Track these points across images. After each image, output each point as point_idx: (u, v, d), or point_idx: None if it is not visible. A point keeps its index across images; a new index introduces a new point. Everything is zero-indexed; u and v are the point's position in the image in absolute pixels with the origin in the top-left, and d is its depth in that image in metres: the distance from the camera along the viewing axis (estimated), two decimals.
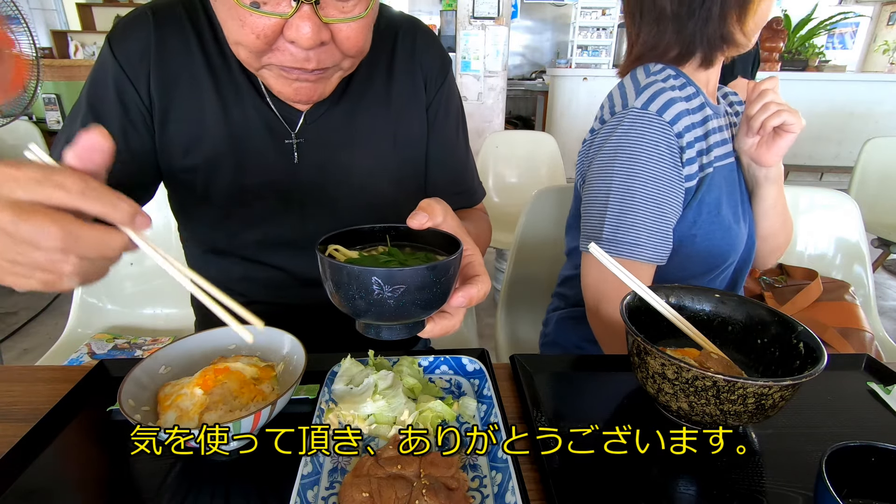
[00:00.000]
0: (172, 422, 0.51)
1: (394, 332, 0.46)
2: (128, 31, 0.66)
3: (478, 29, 4.43)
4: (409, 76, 0.80)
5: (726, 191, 0.88)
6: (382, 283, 0.40)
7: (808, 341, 0.58)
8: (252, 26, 0.55)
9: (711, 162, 0.85)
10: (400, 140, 0.80)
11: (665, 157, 0.79)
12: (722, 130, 0.91)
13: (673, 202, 0.81)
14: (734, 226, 0.87)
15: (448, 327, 0.50)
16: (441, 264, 0.42)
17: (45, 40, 5.05)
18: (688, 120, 0.82)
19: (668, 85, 0.83)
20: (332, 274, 0.42)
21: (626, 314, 0.61)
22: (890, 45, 5.90)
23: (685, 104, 0.82)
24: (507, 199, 2.70)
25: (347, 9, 0.57)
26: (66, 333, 1.36)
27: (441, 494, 0.45)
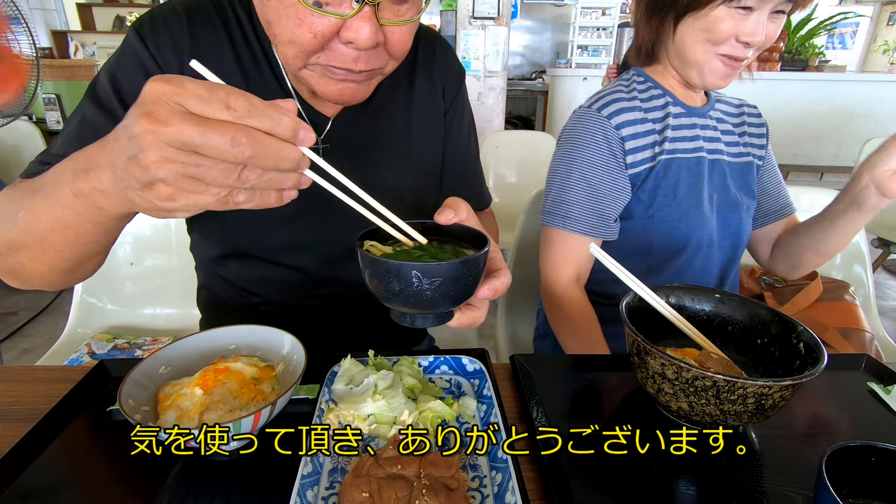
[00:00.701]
0: (172, 422, 0.51)
1: (427, 320, 0.49)
2: (160, 24, 0.65)
3: (478, 29, 4.43)
4: (429, 84, 0.82)
5: (687, 180, 0.95)
6: (421, 276, 0.43)
7: (808, 341, 0.58)
8: (310, 25, 0.55)
9: (667, 151, 0.94)
10: (420, 146, 0.81)
11: (601, 145, 0.93)
12: (694, 128, 0.98)
13: (608, 184, 0.94)
14: (693, 211, 0.95)
15: (474, 318, 0.53)
16: (472, 258, 0.45)
17: (45, 40, 5.05)
18: (630, 115, 0.94)
19: (619, 90, 0.97)
20: (374, 268, 0.46)
21: (625, 314, 0.61)
22: (890, 45, 5.90)
23: (632, 103, 0.95)
24: (507, 199, 2.70)
25: (402, 12, 0.58)
26: (66, 333, 1.36)
27: (441, 494, 0.45)
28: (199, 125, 0.35)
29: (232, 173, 0.37)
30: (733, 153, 1.01)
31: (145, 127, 0.35)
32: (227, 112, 0.36)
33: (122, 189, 0.40)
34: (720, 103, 1.04)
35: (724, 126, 1.02)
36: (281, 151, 0.38)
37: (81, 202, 0.45)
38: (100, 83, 0.64)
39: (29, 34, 1.90)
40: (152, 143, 0.35)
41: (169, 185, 0.37)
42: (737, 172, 1.01)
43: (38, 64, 1.95)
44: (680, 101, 0.98)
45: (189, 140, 0.35)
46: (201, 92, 0.36)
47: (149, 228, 1.37)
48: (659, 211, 0.95)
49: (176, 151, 0.35)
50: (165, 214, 0.40)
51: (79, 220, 0.47)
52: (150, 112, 0.35)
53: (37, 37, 1.95)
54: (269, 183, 0.39)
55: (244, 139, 0.36)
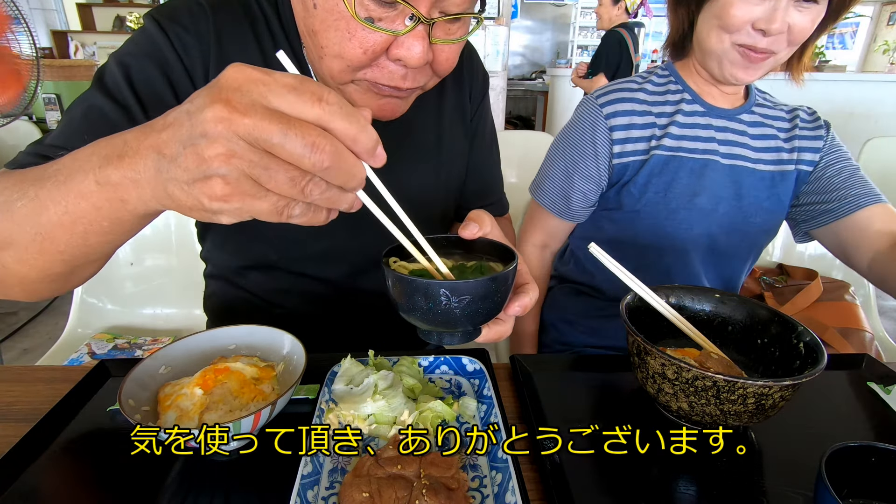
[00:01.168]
0: (172, 422, 0.51)
1: (455, 338, 0.48)
2: (184, 17, 0.61)
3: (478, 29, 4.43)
4: (457, 89, 0.81)
5: (684, 180, 0.93)
6: (450, 295, 0.42)
7: (808, 341, 0.58)
8: (361, 40, 0.53)
9: (665, 147, 0.93)
10: (449, 153, 0.80)
11: (586, 131, 0.96)
12: (710, 129, 0.94)
13: (580, 170, 0.97)
14: (681, 211, 0.93)
15: (502, 332, 0.51)
16: (501, 275, 0.44)
17: (45, 40, 5.05)
18: (627, 106, 0.95)
19: (632, 82, 0.98)
20: (401, 287, 0.44)
21: (625, 314, 0.61)
22: (890, 45, 5.90)
23: (636, 94, 0.96)
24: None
25: (453, 31, 0.57)
26: (66, 333, 1.36)
27: (441, 494, 0.45)
28: (282, 122, 0.31)
29: (299, 183, 0.33)
30: (767, 160, 0.95)
31: (219, 114, 0.31)
32: (319, 105, 0.32)
33: (164, 181, 0.35)
34: (765, 108, 0.98)
35: (761, 131, 0.96)
36: (353, 168, 0.35)
37: (104, 193, 0.39)
38: (109, 73, 0.60)
39: (29, 34, 1.90)
40: (223, 132, 0.31)
41: (228, 184, 0.33)
42: (764, 181, 0.94)
43: (38, 64, 1.95)
44: (700, 100, 0.95)
45: (267, 137, 0.31)
46: (291, 82, 0.32)
47: (149, 228, 1.35)
48: (646, 206, 0.94)
49: (247, 147, 0.32)
50: (207, 216, 0.36)
51: (95, 214, 0.41)
52: (229, 99, 0.31)
53: (37, 37, 1.95)
54: (328, 200, 0.35)
55: (327, 146, 0.32)
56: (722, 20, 0.83)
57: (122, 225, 0.43)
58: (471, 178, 0.87)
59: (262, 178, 0.33)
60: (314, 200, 0.35)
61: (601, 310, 1.04)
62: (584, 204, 1.00)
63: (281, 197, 0.34)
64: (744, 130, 0.95)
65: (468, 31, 0.59)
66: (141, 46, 0.61)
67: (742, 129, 0.95)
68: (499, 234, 0.52)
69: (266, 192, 0.33)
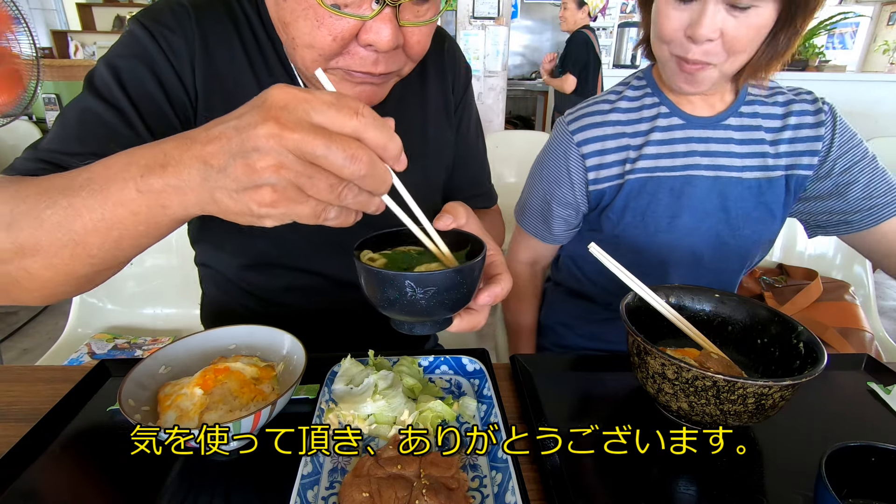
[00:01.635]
0: (172, 422, 0.51)
1: (425, 327, 0.49)
2: (168, 20, 0.63)
3: (478, 29, 4.43)
4: (440, 80, 0.82)
5: (664, 201, 0.88)
6: (415, 286, 0.43)
7: (808, 341, 0.58)
8: (330, 28, 0.54)
9: (641, 170, 0.88)
10: (435, 144, 0.81)
11: (559, 159, 0.94)
12: (690, 142, 0.88)
13: (557, 198, 0.96)
14: (661, 234, 0.89)
15: (474, 323, 0.52)
16: (467, 267, 0.45)
17: (45, 40, 5.04)
18: (599, 132, 0.91)
19: (606, 99, 0.93)
20: (369, 278, 0.46)
21: (625, 314, 0.61)
22: (890, 45, 5.90)
23: (609, 116, 0.91)
24: (507, 199, 2.67)
25: (421, 13, 0.58)
26: (66, 333, 1.36)
27: (441, 494, 0.45)
28: (326, 137, 0.35)
29: (336, 189, 0.37)
30: (752, 166, 0.88)
31: (271, 131, 0.34)
32: (355, 118, 0.36)
33: (210, 189, 0.38)
34: (758, 104, 0.89)
35: (747, 135, 0.88)
36: (384, 174, 0.38)
37: (145, 200, 0.41)
38: (99, 76, 0.61)
39: (29, 34, 1.90)
40: (274, 147, 0.35)
41: (276, 192, 0.36)
42: (751, 190, 0.88)
43: (38, 64, 1.95)
44: (678, 111, 0.89)
45: (312, 150, 0.35)
46: (329, 98, 0.36)
47: None
48: (625, 231, 0.91)
49: (294, 159, 0.35)
50: (253, 220, 0.39)
51: (133, 220, 0.43)
52: (278, 117, 0.35)
53: (37, 37, 1.95)
54: (359, 203, 0.39)
55: (364, 157, 0.36)
56: (656, 28, 0.79)
57: (158, 229, 0.45)
58: (457, 169, 0.88)
59: (306, 185, 0.36)
60: (348, 204, 0.39)
61: (597, 313, 1.03)
62: (566, 227, 0.99)
63: (319, 202, 0.38)
64: (728, 137, 0.88)
65: (437, 13, 0.59)
66: (129, 49, 0.62)
67: (727, 135, 0.88)
68: (476, 226, 0.53)
69: (308, 198, 0.37)
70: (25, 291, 0.51)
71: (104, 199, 0.43)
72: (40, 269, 0.48)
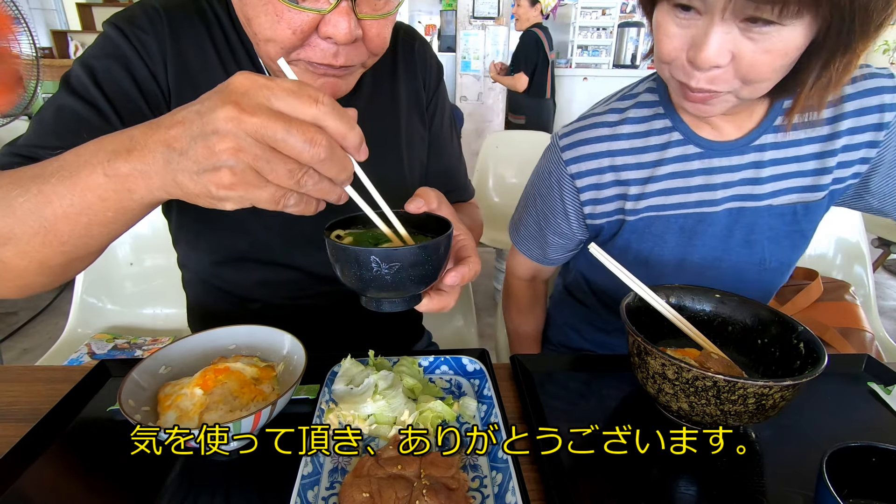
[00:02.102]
0: (172, 422, 0.51)
1: (393, 304, 0.50)
2: (142, 21, 0.65)
3: (478, 29, 4.43)
4: (411, 77, 0.84)
5: (674, 241, 0.78)
6: (380, 261, 0.45)
7: (808, 341, 0.58)
8: (289, 22, 0.55)
9: (648, 209, 0.77)
10: (407, 137, 0.83)
11: (553, 188, 0.85)
12: (710, 173, 0.74)
13: (552, 227, 0.89)
14: (670, 276, 0.79)
15: (443, 303, 0.53)
16: (431, 244, 0.46)
17: (45, 40, 5.04)
18: (594, 164, 0.79)
19: (608, 116, 0.79)
20: (336, 254, 0.47)
21: (625, 314, 0.61)
22: (890, 45, 5.90)
23: (606, 145, 0.78)
24: (507, 199, 2.70)
25: (379, 6, 0.59)
26: (66, 333, 1.36)
27: (441, 494, 0.45)
28: (285, 121, 0.36)
29: (296, 174, 0.38)
30: (785, 189, 0.74)
31: (230, 114, 0.36)
32: (315, 106, 0.37)
33: (173, 171, 0.39)
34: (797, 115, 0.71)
35: (782, 153, 0.73)
36: (344, 161, 0.40)
37: (112, 184, 0.43)
38: (74, 76, 0.63)
39: (29, 34, 1.90)
40: (233, 130, 0.36)
41: (234, 175, 0.37)
42: (783, 217, 0.75)
43: (38, 64, 1.95)
44: (694, 136, 0.75)
45: (272, 134, 0.36)
46: (290, 86, 0.37)
47: (149, 228, 1.37)
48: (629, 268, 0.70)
49: (253, 143, 0.36)
50: (214, 203, 0.40)
51: (102, 205, 0.44)
52: (238, 101, 0.36)
53: (37, 37, 1.95)
54: (320, 191, 0.40)
55: (323, 141, 0.37)
56: (656, 44, 0.65)
57: (125, 214, 0.46)
58: (433, 165, 0.89)
59: (265, 170, 0.37)
60: (308, 191, 0.39)
61: (605, 324, 0.98)
62: (562, 252, 0.93)
63: (279, 188, 0.39)
64: (757, 161, 0.74)
65: (396, 6, 0.61)
66: (104, 49, 0.64)
67: (757, 158, 0.74)
68: (448, 212, 0.54)
69: (267, 182, 0.38)
70: (1, 282, 0.52)
71: (73, 184, 0.44)
72: (14, 257, 0.49)
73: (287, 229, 0.75)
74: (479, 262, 0.54)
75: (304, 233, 0.76)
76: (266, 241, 0.76)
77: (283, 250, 0.77)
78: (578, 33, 5.94)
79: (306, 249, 0.78)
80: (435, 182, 0.90)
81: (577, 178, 0.81)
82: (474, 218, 0.96)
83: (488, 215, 1.72)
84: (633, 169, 0.78)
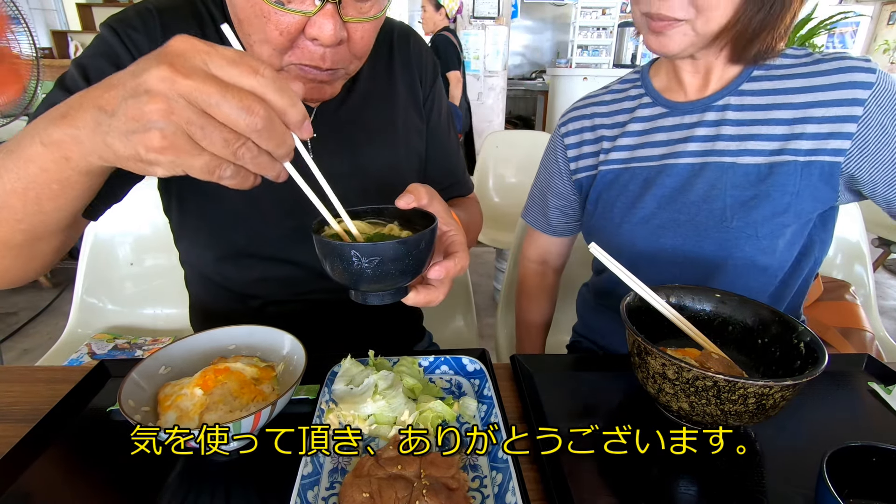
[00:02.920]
0: (172, 422, 0.51)
1: (378, 297, 0.51)
2: (136, 23, 0.66)
3: (478, 29, 4.43)
4: (407, 74, 0.85)
5: (635, 191, 0.84)
6: (360, 256, 0.45)
7: (808, 341, 0.58)
8: (276, 23, 0.57)
9: (614, 161, 0.88)
10: (404, 134, 0.84)
11: (551, 151, 0.99)
12: (673, 130, 0.83)
13: (551, 188, 1.00)
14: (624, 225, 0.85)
15: (431, 297, 0.53)
16: (412, 238, 0.47)
17: (45, 40, 5.04)
18: (579, 124, 0.94)
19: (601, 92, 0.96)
20: (320, 249, 0.48)
21: (625, 314, 0.61)
22: (890, 45, 5.90)
23: (591, 109, 0.93)
24: (507, 199, 2.70)
25: (364, 10, 0.60)
26: (66, 333, 1.36)
27: (441, 494, 0.45)
28: (221, 86, 0.35)
29: (232, 144, 0.36)
30: (753, 150, 0.77)
31: (162, 74, 0.34)
32: (254, 76, 0.36)
33: (103, 133, 0.38)
34: (777, 79, 0.77)
35: (750, 115, 0.78)
36: (283, 135, 0.38)
37: (49, 153, 0.42)
38: (69, 75, 0.65)
39: (29, 34, 1.90)
40: (164, 90, 0.35)
41: (165, 138, 0.36)
42: (748, 177, 0.77)
43: (38, 64, 1.95)
44: (662, 99, 0.85)
45: (206, 98, 0.35)
46: (231, 55, 0.36)
47: (149, 228, 1.37)
48: (596, 223, 0.90)
49: (185, 105, 0.35)
50: (143, 167, 0.39)
51: (44, 177, 0.44)
52: (173, 62, 0.35)
53: (37, 37, 1.95)
54: (258, 165, 0.39)
55: (261, 111, 0.36)
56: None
57: (69, 186, 0.45)
58: (432, 161, 0.91)
59: (198, 135, 0.36)
60: (245, 164, 0.38)
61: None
62: (563, 220, 1.02)
63: (214, 157, 0.37)
64: (718, 120, 0.79)
65: (381, 10, 0.62)
66: (97, 49, 0.66)
67: (720, 117, 0.79)
68: (440, 209, 0.55)
69: (201, 150, 0.37)
70: None
71: (17, 157, 0.44)
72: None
73: (284, 222, 0.76)
74: (468, 258, 0.55)
75: (301, 226, 0.77)
76: (264, 234, 0.77)
77: (281, 244, 0.78)
78: (578, 33, 5.94)
79: (304, 243, 0.78)
80: (436, 178, 0.91)
81: (566, 137, 0.96)
82: (472, 213, 0.97)
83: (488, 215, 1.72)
84: (608, 128, 0.90)
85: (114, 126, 0.37)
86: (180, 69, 0.35)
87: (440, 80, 0.92)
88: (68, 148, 0.41)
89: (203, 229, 0.78)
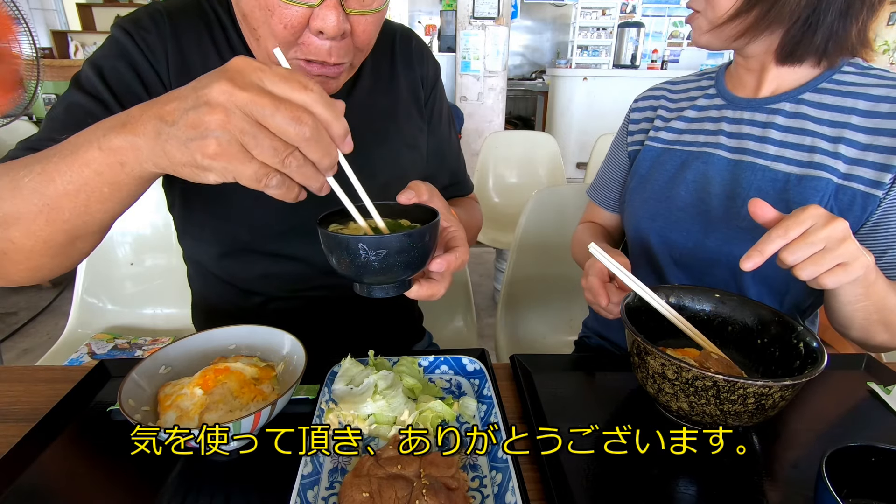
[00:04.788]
0: (172, 422, 0.51)
1: (383, 290, 0.52)
2: (146, 23, 0.68)
3: (478, 29, 4.43)
4: (409, 75, 0.86)
5: (671, 172, 0.87)
6: (367, 248, 0.47)
7: (808, 341, 0.58)
8: (280, 17, 0.58)
9: (660, 140, 0.91)
10: (406, 133, 0.84)
11: (622, 127, 1.02)
12: (720, 122, 0.83)
13: (612, 155, 1.03)
14: (652, 201, 0.88)
15: (433, 291, 0.55)
16: (417, 231, 0.48)
17: (45, 40, 5.04)
18: (649, 102, 0.98)
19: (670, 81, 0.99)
20: (328, 243, 0.49)
21: (625, 314, 0.61)
22: (890, 45, 5.90)
23: (670, 86, 0.97)
24: (507, 199, 2.70)
25: (367, 2, 0.61)
26: (66, 333, 1.36)
27: (441, 494, 0.45)
28: (274, 99, 0.38)
29: (280, 153, 0.39)
30: (789, 158, 0.75)
31: (223, 88, 0.38)
32: (304, 92, 0.39)
33: (163, 141, 0.41)
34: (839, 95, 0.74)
35: (798, 123, 0.76)
36: (329, 146, 0.41)
37: (106, 158, 0.45)
38: (84, 74, 0.66)
39: (29, 34, 1.89)
40: (224, 102, 0.38)
41: (220, 145, 0.39)
42: (776, 183, 0.75)
43: (38, 64, 1.95)
44: (725, 92, 0.85)
45: (260, 110, 0.38)
46: (283, 72, 0.40)
47: (149, 228, 1.37)
48: (628, 198, 0.94)
49: (241, 116, 0.38)
50: (197, 173, 0.41)
51: (97, 180, 0.46)
52: (233, 78, 0.38)
53: (37, 37, 1.95)
54: (303, 176, 0.41)
55: (309, 121, 0.39)
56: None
57: (120, 189, 0.48)
58: (433, 161, 0.91)
59: (250, 144, 0.39)
60: (291, 173, 0.41)
61: None
62: (614, 192, 1.03)
63: (263, 165, 0.40)
64: (766, 122, 0.78)
65: (383, 2, 0.63)
66: (111, 50, 0.67)
67: (764, 119, 0.78)
68: (441, 206, 0.56)
69: (251, 158, 0.40)
70: (13, 264, 0.54)
71: (72, 161, 0.46)
72: (22, 237, 0.51)
73: (286, 218, 0.76)
74: (468, 252, 0.57)
75: (303, 222, 0.77)
76: (267, 229, 0.77)
77: (284, 240, 0.78)
78: (578, 33, 5.93)
79: (306, 239, 0.78)
80: (438, 178, 0.92)
81: (633, 112, 1.00)
82: (472, 212, 0.98)
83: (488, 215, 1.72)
84: (668, 111, 0.94)
85: (173, 134, 0.40)
86: (238, 83, 0.38)
87: (441, 81, 0.93)
88: (125, 154, 0.44)
89: (207, 225, 0.78)
